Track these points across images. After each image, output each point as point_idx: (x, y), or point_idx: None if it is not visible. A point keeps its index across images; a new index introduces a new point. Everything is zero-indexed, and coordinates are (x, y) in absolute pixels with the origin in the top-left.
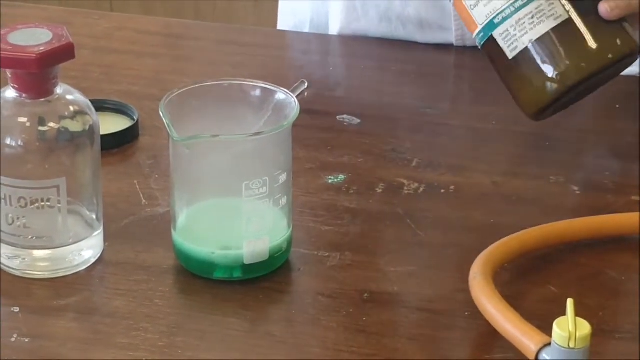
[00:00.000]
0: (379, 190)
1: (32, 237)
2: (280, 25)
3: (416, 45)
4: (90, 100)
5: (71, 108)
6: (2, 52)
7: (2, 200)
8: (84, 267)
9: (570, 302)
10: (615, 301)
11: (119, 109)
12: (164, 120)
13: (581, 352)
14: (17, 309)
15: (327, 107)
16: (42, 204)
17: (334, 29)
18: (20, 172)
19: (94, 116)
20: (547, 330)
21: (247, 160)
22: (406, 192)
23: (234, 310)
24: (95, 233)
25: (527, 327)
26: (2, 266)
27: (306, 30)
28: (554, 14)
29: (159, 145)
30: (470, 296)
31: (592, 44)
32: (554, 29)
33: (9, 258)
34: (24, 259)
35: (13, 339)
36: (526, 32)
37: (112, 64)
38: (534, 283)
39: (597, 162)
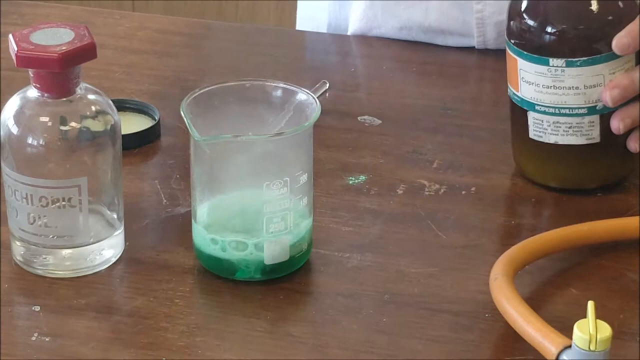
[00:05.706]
0: (400, 192)
1: (53, 237)
2: (299, 29)
3: (437, 47)
4: (112, 100)
5: (93, 108)
6: (24, 52)
7: (24, 200)
8: (105, 267)
9: (591, 305)
10: (636, 304)
11: (140, 109)
12: (185, 120)
13: (602, 354)
14: (37, 308)
15: (348, 107)
16: (63, 203)
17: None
18: (41, 172)
19: (116, 116)
20: (567, 332)
21: (268, 161)
22: (427, 193)
23: (254, 311)
24: (116, 232)
25: (547, 329)
26: (22, 265)
27: None
28: (588, 134)
29: (180, 145)
30: (491, 298)
31: (612, 166)
32: (584, 145)
33: (30, 257)
34: (44, 258)
35: (34, 338)
36: (557, 135)
37: (134, 63)
38: (555, 285)
39: None
